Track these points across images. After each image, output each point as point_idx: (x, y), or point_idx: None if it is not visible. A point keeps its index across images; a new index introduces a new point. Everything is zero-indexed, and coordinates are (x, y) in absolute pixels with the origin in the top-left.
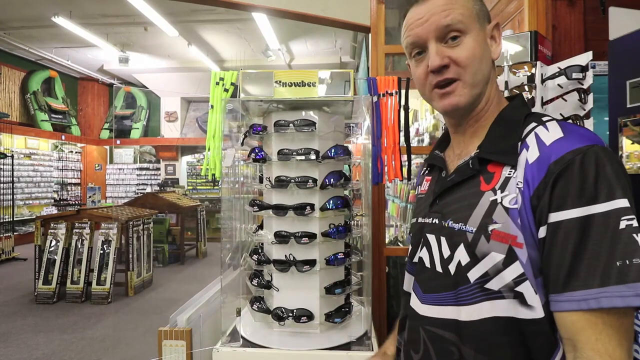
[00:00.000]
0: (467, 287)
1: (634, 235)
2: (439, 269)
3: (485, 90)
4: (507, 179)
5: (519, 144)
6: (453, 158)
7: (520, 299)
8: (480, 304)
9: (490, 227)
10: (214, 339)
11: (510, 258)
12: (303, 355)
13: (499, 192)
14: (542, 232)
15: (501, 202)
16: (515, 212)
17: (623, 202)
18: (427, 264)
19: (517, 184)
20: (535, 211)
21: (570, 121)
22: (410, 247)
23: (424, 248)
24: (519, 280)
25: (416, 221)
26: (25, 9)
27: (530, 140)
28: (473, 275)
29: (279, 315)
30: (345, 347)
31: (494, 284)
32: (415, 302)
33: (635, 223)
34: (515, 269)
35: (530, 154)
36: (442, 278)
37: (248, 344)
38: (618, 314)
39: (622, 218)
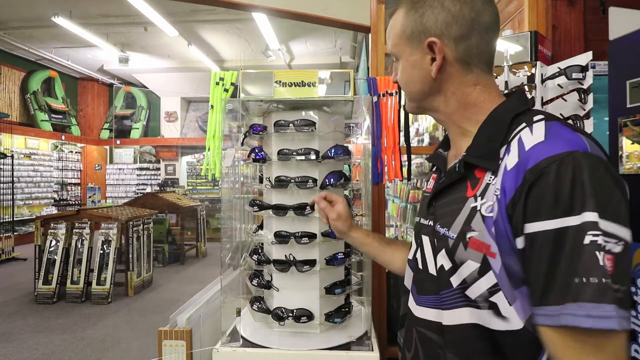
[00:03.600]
0: (450, 291)
1: (597, 252)
2: (431, 271)
3: (428, 103)
4: (487, 186)
5: (505, 147)
6: (452, 158)
7: (495, 309)
8: (461, 309)
9: (468, 235)
10: (214, 339)
11: (485, 267)
12: (303, 355)
13: (479, 199)
14: (520, 242)
15: (480, 210)
16: (490, 221)
17: (592, 216)
18: (420, 266)
19: (495, 192)
20: (512, 220)
21: (570, 121)
22: (413, 246)
23: (419, 249)
24: (493, 290)
25: (418, 221)
26: (25, 9)
27: (514, 144)
28: (455, 280)
29: (279, 315)
30: (345, 347)
31: (470, 292)
32: (411, 303)
33: (600, 240)
34: (489, 279)
35: (509, 159)
36: (431, 280)
37: (248, 344)
38: (598, 333)
39: (588, 233)
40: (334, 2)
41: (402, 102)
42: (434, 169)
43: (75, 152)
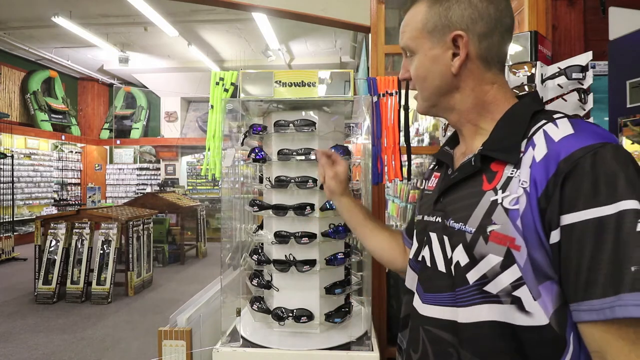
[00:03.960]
0: (466, 289)
1: None
2: (440, 268)
3: (449, 100)
4: (509, 179)
5: (525, 141)
6: (459, 156)
7: (518, 304)
8: (478, 306)
9: (489, 229)
10: (214, 339)
11: (508, 260)
12: (303, 355)
13: (499, 192)
14: (555, 236)
15: (501, 203)
16: (516, 213)
17: (638, 204)
18: (428, 263)
19: (522, 184)
20: (545, 213)
21: None
22: (415, 245)
23: (426, 247)
24: (517, 284)
25: (422, 219)
26: (25, 9)
27: (538, 137)
28: (472, 276)
29: (279, 315)
30: (345, 347)
31: (491, 287)
32: (417, 302)
33: None
34: (513, 273)
35: (537, 151)
36: (442, 278)
37: (248, 344)
38: None
39: None
40: (334, 2)
41: (402, 102)
42: (435, 168)
43: (75, 152)
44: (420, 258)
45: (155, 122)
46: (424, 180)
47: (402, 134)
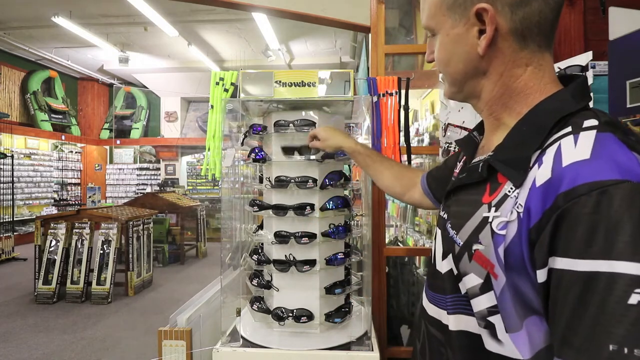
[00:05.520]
0: (457, 297)
1: None
2: (438, 267)
3: (470, 87)
4: (506, 197)
5: (538, 153)
6: (479, 150)
7: (491, 330)
8: (467, 316)
9: (474, 247)
10: (214, 339)
11: (487, 286)
12: (303, 355)
13: (493, 209)
14: (542, 275)
15: (490, 222)
16: (501, 239)
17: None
18: (432, 260)
19: (517, 207)
20: (533, 248)
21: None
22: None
23: (435, 240)
24: (492, 310)
25: (439, 214)
26: (25, 9)
27: (549, 152)
28: (462, 287)
29: (279, 315)
30: (345, 347)
31: (474, 306)
32: (424, 297)
33: None
34: (489, 299)
35: (540, 172)
36: (440, 279)
37: (248, 344)
38: None
39: (636, 290)
40: (333, 2)
41: (402, 102)
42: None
43: (75, 152)
44: (433, 249)
45: (155, 122)
46: (456, 161)
47: (402, 134)
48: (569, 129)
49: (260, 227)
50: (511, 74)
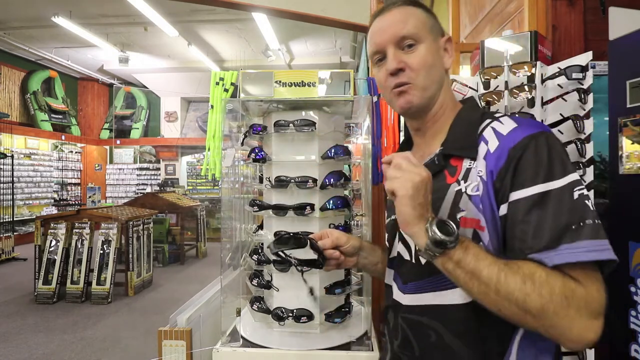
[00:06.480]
0: (439, 276)
1: (586, 201)
2: (414, 261)
3: (438, 94)
4: (469, 170)
5: (478, 138)
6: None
7: None
8: (454, 289)
9: (459, 215)
10: (214, 339)
11: (476, 240)
12: (303, 355)
13: (462, 182)
14: (504, 209)
15: (465, 191)
16: (477, 199)
17: (575, 176)
18: (407, 257)
19: (478, 173)
20: (498, 193)
21: (570, 121)
22: (387, 245)
23: (400, 243)
24: None
25: (391, 219)
26: (25, 9)
27: (488, 133)
28: None
29: (279, 315)
30: (345, 347)
31: None
32: (397, 294)
33: (585, 191)
34: None
35: (490, 145)
36: (422, 267)
37: (248, 344)
38: (592, 265)
39: (576, 189)
40: (333, 2)
41: None
42: None
43: (75, 152)
44: (394, 254)
45: (155, 122)
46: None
47: (402, 133)
48: (489, 120)
49: (260, 227)
50: (449, 91)
